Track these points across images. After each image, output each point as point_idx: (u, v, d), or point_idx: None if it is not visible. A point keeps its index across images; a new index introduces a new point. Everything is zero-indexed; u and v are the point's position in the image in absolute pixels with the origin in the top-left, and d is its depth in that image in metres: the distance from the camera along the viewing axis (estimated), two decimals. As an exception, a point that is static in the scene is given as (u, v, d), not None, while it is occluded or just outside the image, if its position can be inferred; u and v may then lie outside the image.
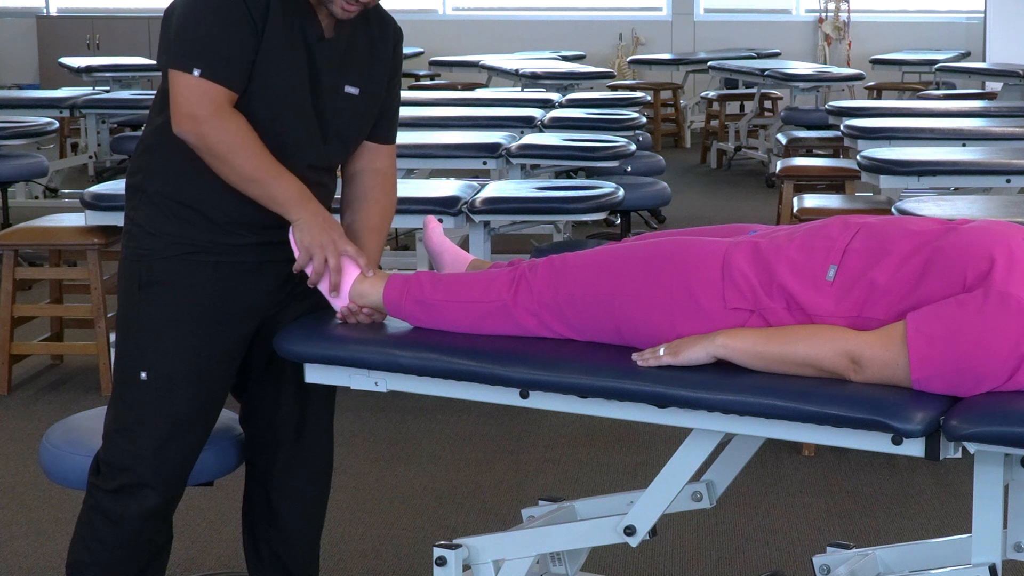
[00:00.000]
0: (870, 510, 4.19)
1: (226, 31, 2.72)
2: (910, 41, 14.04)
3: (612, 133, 7.16)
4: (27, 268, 5.79)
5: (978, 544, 2.43)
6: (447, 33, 14.62)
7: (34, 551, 3.92)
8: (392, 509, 4.21)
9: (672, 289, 2.60)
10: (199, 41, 2.72)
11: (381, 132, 3.02)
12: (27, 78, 14.51)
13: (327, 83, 2.85)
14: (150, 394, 2.85)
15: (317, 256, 2.81)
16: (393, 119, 3.05)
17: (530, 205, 5.43)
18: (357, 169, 3.01)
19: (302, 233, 2.80)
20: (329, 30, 2.85)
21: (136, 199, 2.90)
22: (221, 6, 2.72)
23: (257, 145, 2.75)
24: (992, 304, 2.35)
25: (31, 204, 9.05)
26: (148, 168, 2.89)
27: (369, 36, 2.92)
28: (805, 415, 2.40)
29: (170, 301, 2.85)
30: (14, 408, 5.24)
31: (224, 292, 2.87)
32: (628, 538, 2.73)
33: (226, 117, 2.73)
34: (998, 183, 5.82)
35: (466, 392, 2.73)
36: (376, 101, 2.95)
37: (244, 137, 2.74)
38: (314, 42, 2.82)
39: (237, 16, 2.72)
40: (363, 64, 2.91)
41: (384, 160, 3.03)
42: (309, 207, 2.80)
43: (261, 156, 2.76)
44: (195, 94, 2.72)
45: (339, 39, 2.86)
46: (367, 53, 2.92)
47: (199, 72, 2.71)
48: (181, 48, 2.74)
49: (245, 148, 2.74)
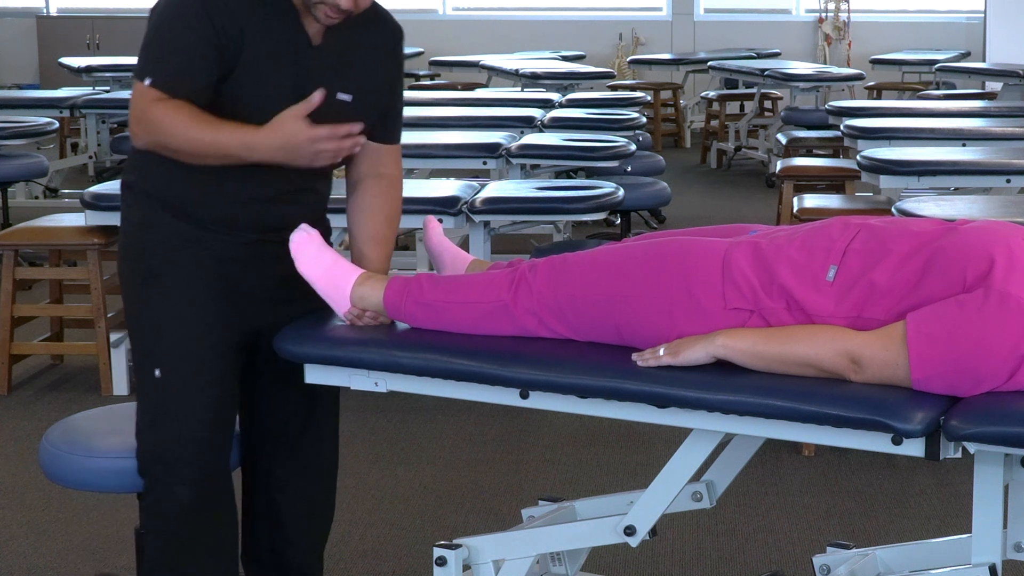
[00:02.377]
0: (870, 510, 4.19)
1: (182, 43, 2.72)
2: (910, 41, 14.03)
3: (612, 133, 7.16)
4: (27, 268, 5.79)
5: (978, 544, 2.43)
6: (447, 33, 14.62)
7: (34, 551, 3.92)
8: (392, 509, 4.21)
9: (672, 289, 2.60)
10: (156, 52, 2.76)
11: (384, 133, 3.00)
12: (27, 78, 14.50)
13: (315, 89, 2.79)
14: (166, 390, 2.86)
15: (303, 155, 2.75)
16: (396, 120, 3.04)
17: (530, 205, 5.43)
18: (361, 175, 3.00)
19: (273, 151, 2.73)
20: (317, 37, 2.83)
21: (130, 197, 2.92)
22: (180, 19, 2.73)
23: (189, 115, 2.71)
24: (992, 304, 2.35)
25: (31, 204, 9.05)
26: (140, 168, 2.90)
27: (364, 41, 2.90)
28: (805, 415, 2.40)
29: (177, 292, 2.85)
30: (14, 408, 5.24)
31: (228, 283, 2.87)
32: (628, 538, 2.74)
33: (157, 105, 2.72)
34: (998, 183, 5.82)
35: (466, 392, 2.73)
36: (372, 107, 2.93)
37: (171, 115, 2.71)
38: (302, 49, 2.81)
39: (196, 28, 2.71)
40: (357, 71, 2.89)
41: (388, 164, 3.02)
42: (258, 133, 2.73)
43: (194, 122, 2.71)
44: (138, 99, 2.75)
45: (330, 46, 2.84)
46: (362, 59, 2.90)
47: (150, 81, 2.74)
48: (141, 57, 2.78)
49: (177, 121, 2.71)
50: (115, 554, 3.87)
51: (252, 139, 2.74)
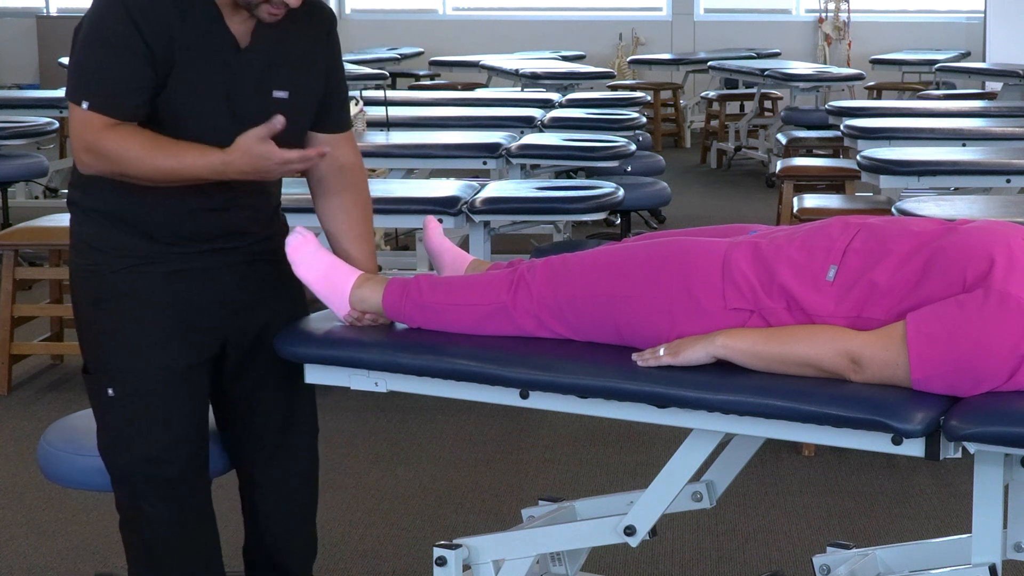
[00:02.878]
0: (870, 510, 4.19)
1: (117, 61, 2.66)
2: (910, 41, 14.03)
3: (612, 133, 7.16)
4: (27, 268, 5.79)
5: (978, 544, 2.43)
6: (447, 33, 14.61)
7: (34, 551, 3.92)
8: (392, 509, 4.21)
9: (672, 289, 2.60)
10: (89, 73, 2.69)
11: (332, 121, 2.95)
12: (27, 78, 14.50)
13: (249, 91, 2.77)
14: (122, 408, 2.83)
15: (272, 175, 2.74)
16: (343, 107, 2.98)
17: (530, 205, 5.44)
18: (322, 171, 2.95)
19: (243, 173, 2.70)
20: (245, 38, 2.76)
21: (79, 214, 2.86)
22: (110, 36, 2.67)
23: (145, 142, 2.66)
24: (992, 304, 2.35)
25: (31, 204, 9.04)
26: (84, 185, 2.82)
27: (296, 34, 2.83)
28: (805, 415, 2.40)
29: (126, 315, 2.81)
30: (14, 408, 5.24)
31: (179, 300, 2.82)
32: (628, 538, 2.74)
33: (106, 135, 2.66)
34: (998, 183, 5.82)
35: (466, 392, 2.73)
36: (311, 101, 2.88)
37: (127, 142, 2.66)
38: (228, 55, 2.74)
39: (129, 44, 2.65)
40: (291, 66, 2.82)
41: (345, 151, 2.97)
42: (225, 158, 2.68)
43: (156, 149, 2.67)
44: (82, 128, 2.68)
45: (259, 45, 2.78)
46: (296, 54, 2.83)
47: (87, 105, 2.67)
48: (73, 79, 2.71)
49: (133, 150, 2.65)
50: (115, 554, 3.86)
51: (220, 164, 2.68)
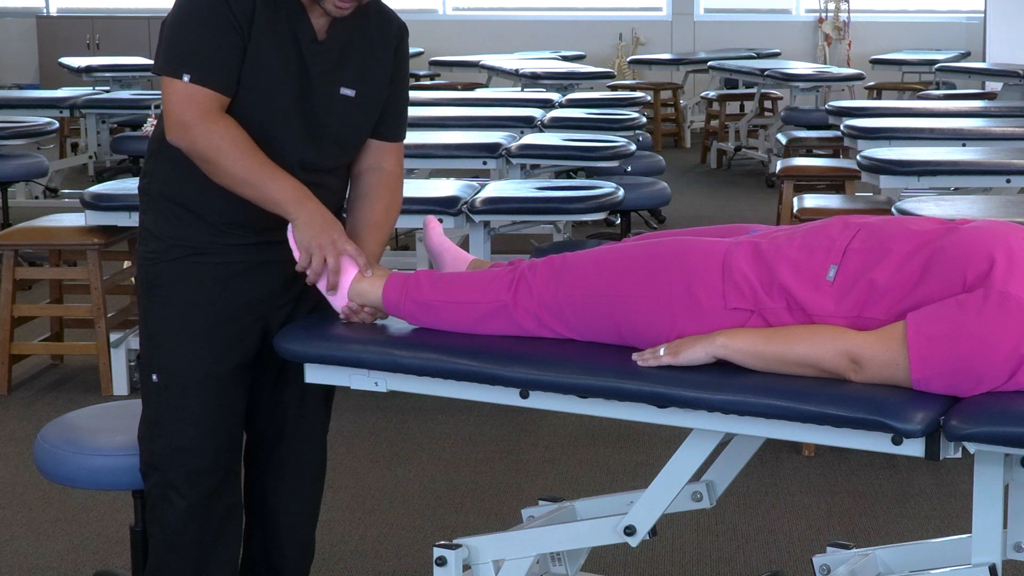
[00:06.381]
0: (870, 510, 4.19)
1: (215, 37, 2.73)
2: (910, 41, 14.04)
3: (612, 133, 7.16)
4: (27, 268, 5.79)
5: (978, 544, 2.43)
6: (447, 33, 14.62)
7: (34, 551, 3.92)
8: (392, 509, 4.21)
9: (672, 289, 2.60)
10: (189, 47, 2.75)
11: (387, 130, 3.00)
12: (27, 78, 14.51)
13: (320, 85, 2.84)
14: (163, 396, 2.89)
15: (316, 255, 2.80)
16: (400, 117, 3.03)
17: (530, 205, 5.43)
18: (363, 168, 3.00)
19: (300, 232, 2.79)
20: (322, 32, 2.84)
21: (145, 202, 2.95)
22: (208, 13, 2.73)
23: (247, 146, 2.75)
24: (992, 304, 2.35)
25: (31, 204, 9.05)
26: (152, 172, 2.92)
27: (368, 36, 2.91)
28: (805, 415, 2.40)
29: (174, 304, 2.88)
30: (14, 408, 5.24)
31: (227, 292, 2.88)
32: (628, 538, 2.73)
33: (213, 120, 2.73)
34: (998, 183, 5.82)
35: (466, 392, 2.73)
36: (375, 102, 2.94)
37: (232, 139, 2.74)
38: (305, 44, 2.81)
39: (224, 21, 2.73)
40: (360, 66, 2.89)
41: (390, 159, 3.02)
42: (307, 206, 2.79)
43: (252, 157, 2.75)
44: (184, 100, 2.74)
45: (334, 40, 2.85)
46: (365, 54, 2.90)
47: (188, 77, 2.73)
48: (171, 54, 2.76)
49: (234, 150, 2.73)
50: (114, 553, 3.87)
51: (296, 205, 2.77)
